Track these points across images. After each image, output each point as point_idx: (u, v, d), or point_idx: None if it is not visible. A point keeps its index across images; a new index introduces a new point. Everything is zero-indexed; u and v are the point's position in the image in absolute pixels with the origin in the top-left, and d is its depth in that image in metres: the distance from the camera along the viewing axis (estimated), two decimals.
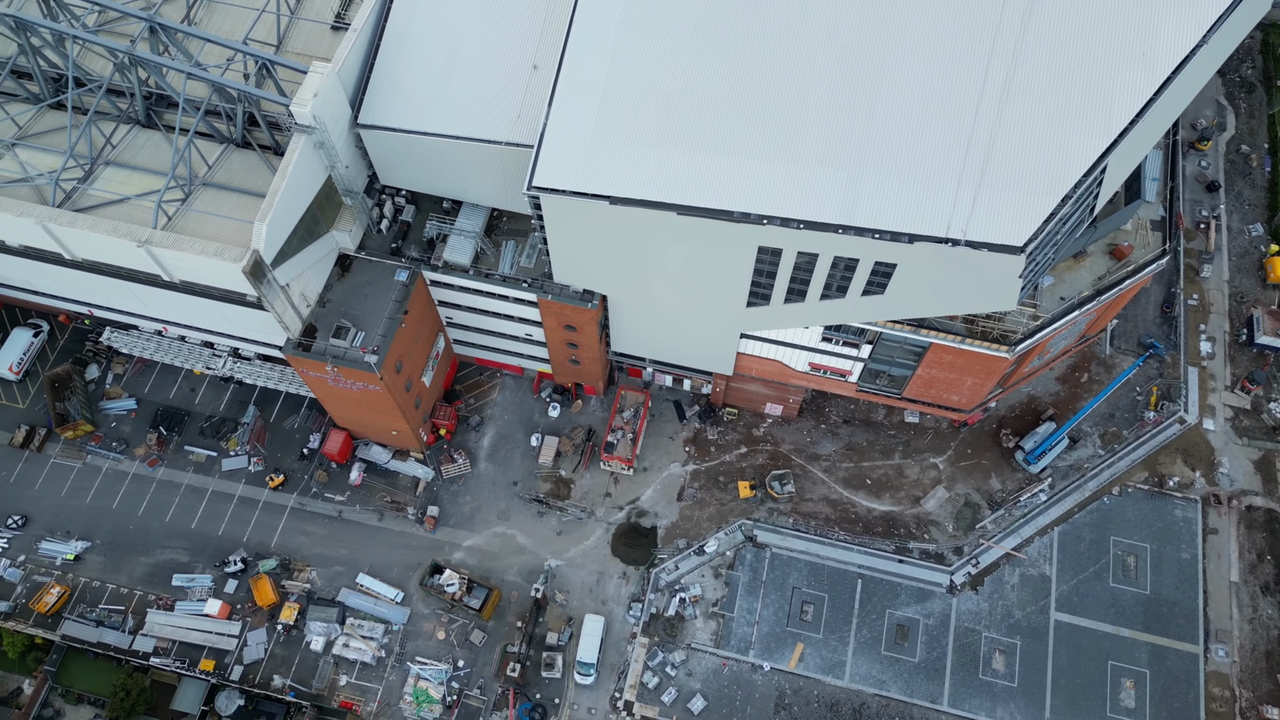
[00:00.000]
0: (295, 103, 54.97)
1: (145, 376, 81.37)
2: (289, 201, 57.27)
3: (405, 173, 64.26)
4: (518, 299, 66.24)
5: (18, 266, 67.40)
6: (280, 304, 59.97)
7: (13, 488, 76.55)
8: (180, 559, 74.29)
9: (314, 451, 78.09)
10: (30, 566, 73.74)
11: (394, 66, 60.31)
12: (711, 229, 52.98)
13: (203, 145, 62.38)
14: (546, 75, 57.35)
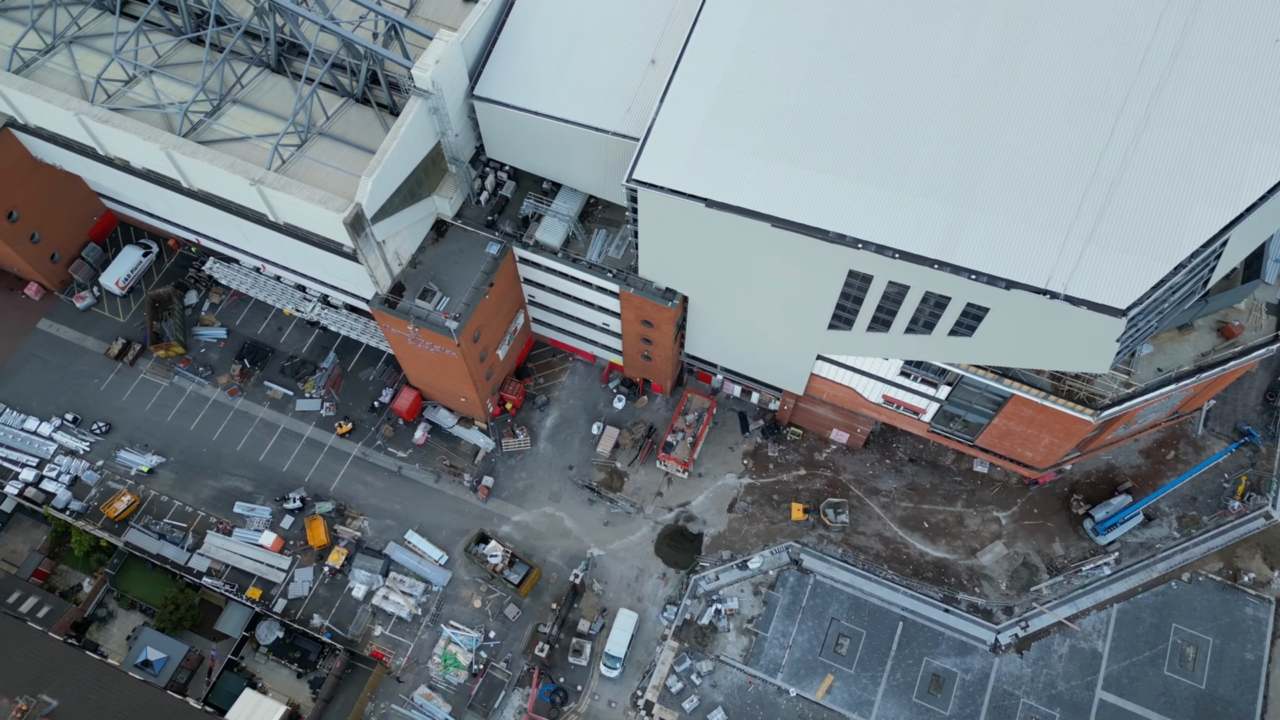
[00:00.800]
0: (417, 67, 56.37)
1: (238, 310, 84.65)
2: (397, 161, 58.80)
3: (511, 149, 65.30)
4: (600, 288, 66.71)
5: (138, 188, 70.82)
6: (374, 259, 61.64)
7: (102, 396, 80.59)
8: (244, 488, 77.14)
9: (384, 406, 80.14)
10: (107, 473, 77.56)
11: (516, 44, 61.29)
12: (804, 246, 52.44)
13: (324, 96, 64.50)
14: (663, 71, 57.57)
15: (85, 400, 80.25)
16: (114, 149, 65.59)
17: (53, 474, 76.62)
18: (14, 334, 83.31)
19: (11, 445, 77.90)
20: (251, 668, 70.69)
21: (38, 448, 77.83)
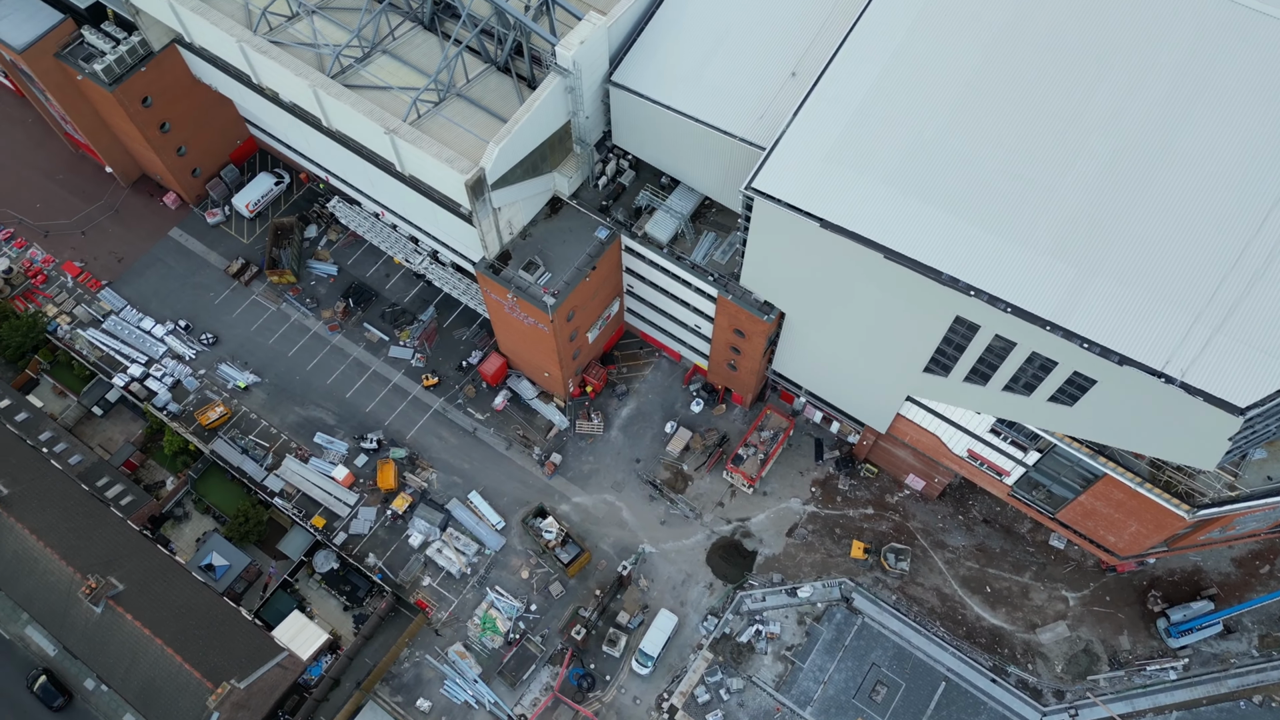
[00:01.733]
0: (562, 45, 57.24)
1: (351, 250, 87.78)
2: (526, 133, 59.88)
3: (638, 138, 65.71)
4: (699, 289, 66.60)
5: (281, 120, 74.10)
6: (487, 224, 62.99)
7: (214, 309, 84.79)
8: (328, 420, 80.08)
9: (471, 367, 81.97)
10: (206, 382, 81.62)
11: (660, 37, 61.57)
12: (914, 283, 51.20)
13: (468, 59, 66.12)
14: (802, 85, 56.96)
15: (198, 311, 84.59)
16: (267, 79, 68.73)
17: (158, 374, 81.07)
18: (147, 238, 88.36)
19: (126, 340, 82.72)
20: (304, 591, 73.42)
21: (149, 347, 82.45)
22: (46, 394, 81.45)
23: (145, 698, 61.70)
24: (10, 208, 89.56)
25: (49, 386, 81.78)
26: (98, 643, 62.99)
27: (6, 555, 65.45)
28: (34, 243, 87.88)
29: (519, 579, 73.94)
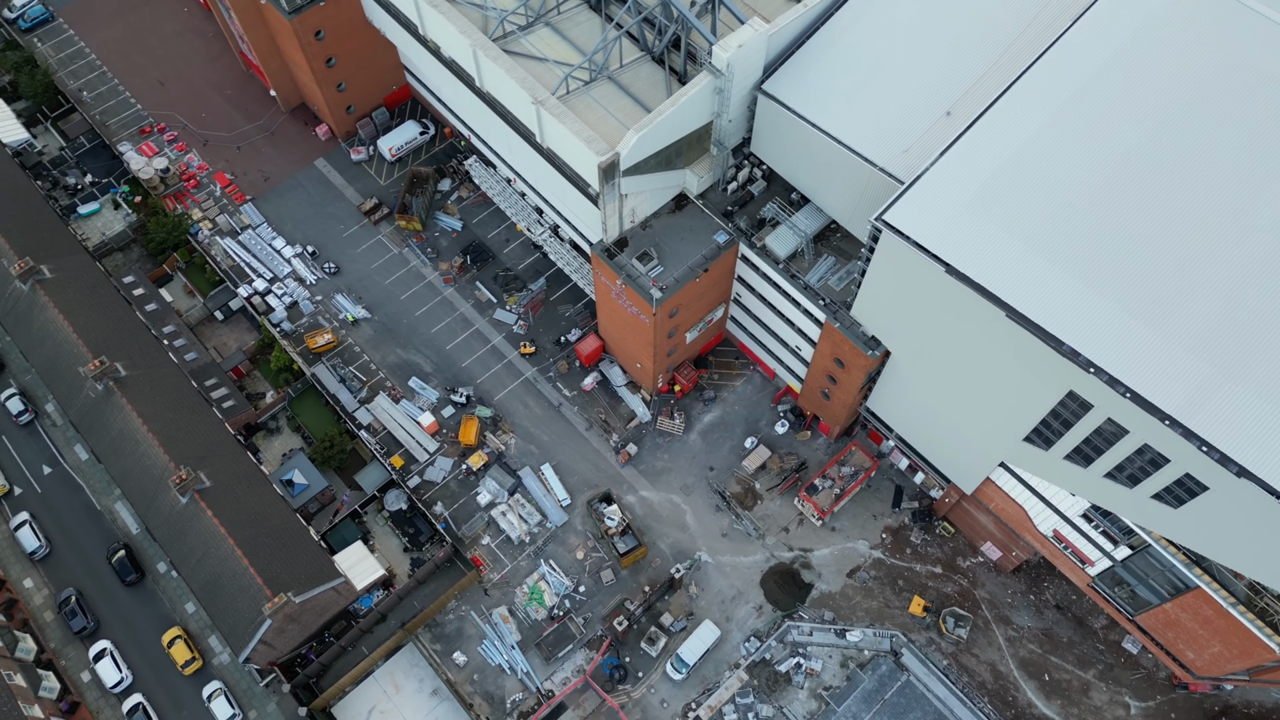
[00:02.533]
0: (720, 45, 57.19)
1: (478, 210, 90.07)
2: (667, 126, 60.14)
3: (777, 151, 65.16)
4: (808, 311, 65.65)
5: (438, 73, 76.54)
6: (611, 208, 63.62)
7: (341, 241, 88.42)
8: (425, 367, 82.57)
9: (568, 343, 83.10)
10: (321, 308, 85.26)
11: (819, 54, 60.82)
12: (1032, 348, 49.19)
13: (625, 44, 66.78)
14: (955, 126, 55.37)
15: (326, 240, 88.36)
16: (432, 32, 71.05)
17: (279, 292, 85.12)
18: (294, 163, 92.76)
19: (257, 255, 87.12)
20: (370, 525, 76.03)
21: (276, 265, 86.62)
22: (177, 291, 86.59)
23: (209, 591, 65.07)
24: (179, 112, 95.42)
25: (180, 284, 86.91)
26: (176, 530, 66.72)
27: (113, 432, 69.96)
28: (193, 149, 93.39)
29: (573, 558, 74.67)
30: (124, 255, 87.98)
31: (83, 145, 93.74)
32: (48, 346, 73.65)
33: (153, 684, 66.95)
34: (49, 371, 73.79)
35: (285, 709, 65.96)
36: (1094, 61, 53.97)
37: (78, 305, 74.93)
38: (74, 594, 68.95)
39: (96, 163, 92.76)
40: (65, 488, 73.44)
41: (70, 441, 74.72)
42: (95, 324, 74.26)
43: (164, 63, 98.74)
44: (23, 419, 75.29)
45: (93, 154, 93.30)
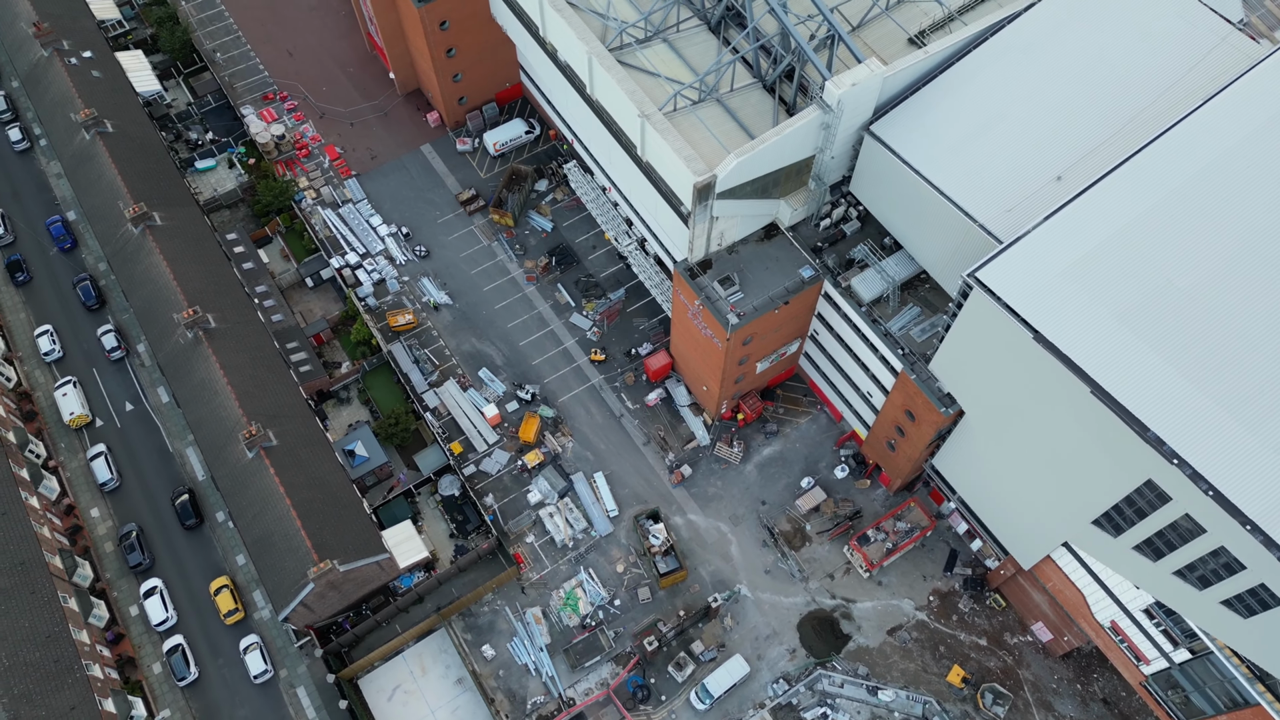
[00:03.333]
0: (833, 81, 56.86)
1: (570, 214, 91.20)
2: (769, 155, 59.99)
3: (875, 193, 64.41)
4: (884, 359, 64.49)
5: (551, 75, 77.96)
6: (700, 228, 63.67)
7: (434, 227, 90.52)
8: (496, 360, 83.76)
9: (637, 356, 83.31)
10: (406, 289, 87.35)
11: (932, 103, 59.98)
12: (1114, 429, 47.36)
13: (738, 69, 66.93)
14: (1063, 192, 53.94)
15: (420, 224, 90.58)
16: (552, 35, 72.43)
17: (369, 268, 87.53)
18: (402, 145, 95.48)
19: (353, 229, 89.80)
20: (421, 506, 77.28)
21: (369, 241, 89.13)
22: (274, 253, 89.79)
23: (260, 547, 66.96)
24: (302, 84, 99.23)
25: (278, 248, 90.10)
26: (239, 483, 68.91)
27: (195, 380, 72.75)
28: (309, 120, 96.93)
29: (613, 571, 74.55)
30: (231, 213, 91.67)
31: (209, 103, 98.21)
32: (148, 290, 77.10)
33: (194, 628, 69.10)
34: (145, 314, 77.22)
35: (315, 673, 67.29)
36: (1218, 147, 52.00)
37: (181, 254, 78.30)
38: (135, 529, 71.69)
39: (219, 121, 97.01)
40: (143, 426, 76.58)
41: (154, 383, 77.93)
42: (194, 274, 77.47)
43: (295, 35, 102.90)
44: (114, 355, 78.85)
45: (216, 113, 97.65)
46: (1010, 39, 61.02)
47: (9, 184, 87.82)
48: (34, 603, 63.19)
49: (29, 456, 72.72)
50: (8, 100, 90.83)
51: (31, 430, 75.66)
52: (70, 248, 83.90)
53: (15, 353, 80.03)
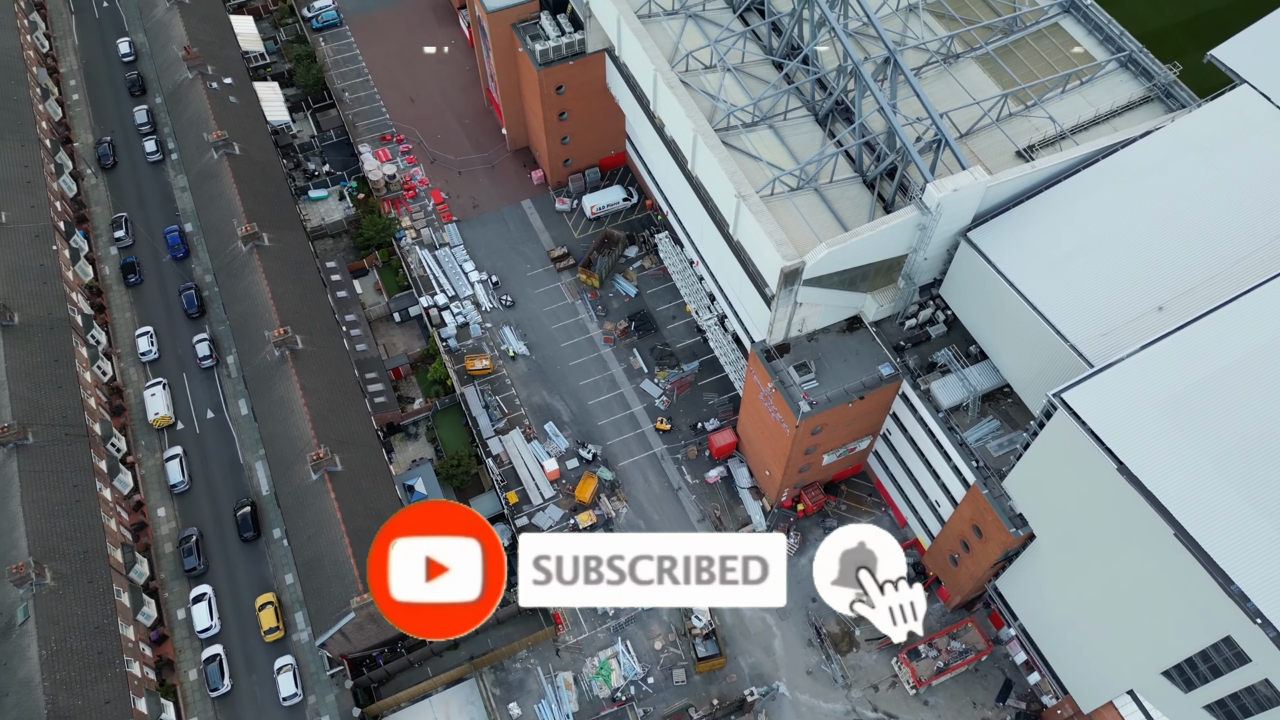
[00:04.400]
0: (935, 185, 56.69)
1: (655, 282, 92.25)
2: (861, 249, 59.82)
3: (965, 300, 63.42)
4: (957, 469, 62.58)
5: (655, 147, 79.82)
6: (782, 312, 63.52)
7: (522, 279, 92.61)
8: (563, 415, 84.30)
9: (703, 431, 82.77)
10: (487, 335, 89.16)
11: (1034, 217, 59.15)
12: (1196, 578, 44.67)
13: (839, 161, 67.37)
14: (1164, 322, 52.06)
15: (510, 274, 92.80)
16: (662, 110, 74.37)
17: (455, 310, 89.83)
18: (504, 198, 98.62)
19: (446, 271, 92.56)
20: None
21: (459, 285, 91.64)
22: (368, 285, 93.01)
23: (309, 568, 67.86)
24: (419, 129, 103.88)
25: (373, 281, 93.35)
26: (299, 502, 70.30)
27: (275, 397, 75.14)
28: (421, 163, 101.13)
29: (650, 647, 72.95)
30: (334, 242, 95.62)
31: (330, 138, 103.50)
32: (246, 305, 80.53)
33: (235, 640, 69.99)
34: (240, 327, 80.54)
35: (342, 704, 67.18)
36: None
37: (282, 276, 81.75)
38: (196, 534, 73.56)
39: (337, 156, 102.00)
40: (219, 435, 79.18)
41: (237, 394, 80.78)
42: (291, 296, 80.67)
43: (420, 84, 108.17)
44: (205, 363, 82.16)
45: (336, 147, 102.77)
46: (1122, 163, 60.06)
47: (137, 191, 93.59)
48: (90, 592, 65.05)
49: (110, 449, 75.74)
50: (150, 115, 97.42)
51: (117, 425, 78.94)
52: (182, 257, 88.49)
53: (115, 349, 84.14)
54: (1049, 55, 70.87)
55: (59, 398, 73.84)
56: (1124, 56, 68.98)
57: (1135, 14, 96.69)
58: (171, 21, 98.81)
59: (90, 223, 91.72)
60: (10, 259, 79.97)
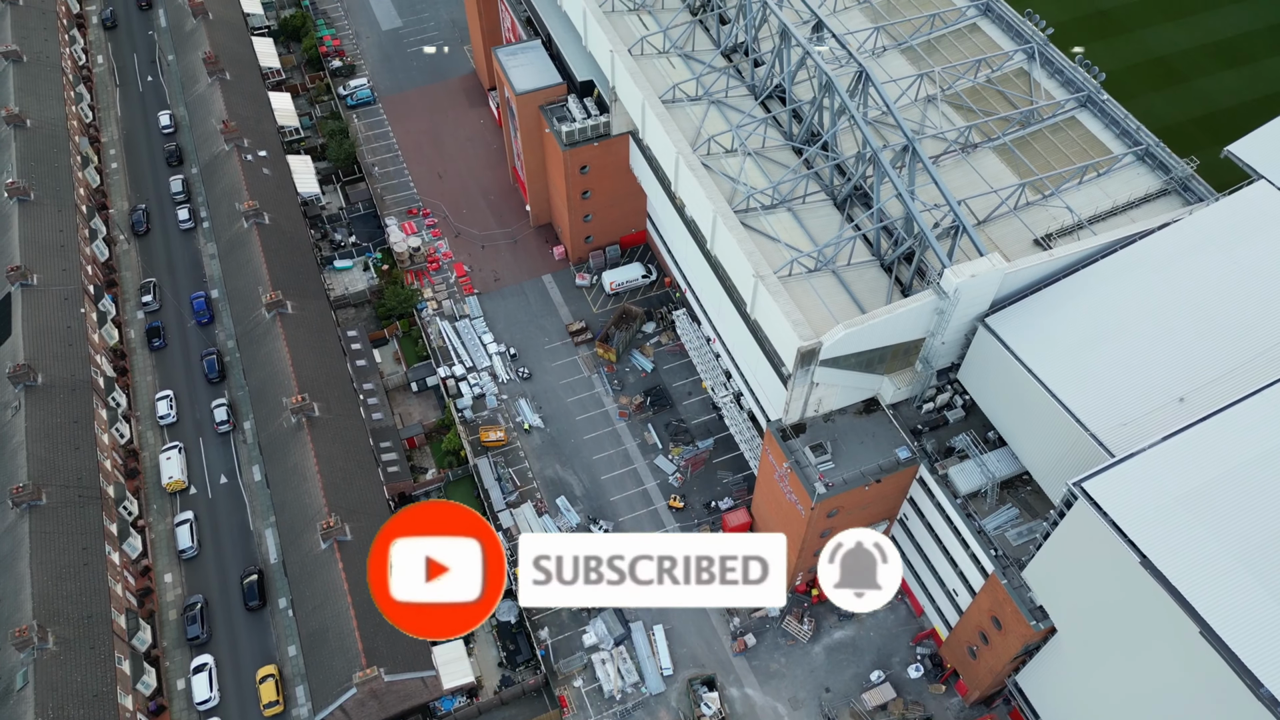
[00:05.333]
0: (953, 270, 57.01)
1: (672, 358, 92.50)
2: (878, 331, 59.90)
3: (983, 385, 63.07)
4: (975, 557, 61.25)
5: (675, 227, 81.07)
6: (799, 392, 63.32)
7: (541, 352, 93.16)
8: (575, 489, 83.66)
9: (717, 510, 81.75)
10: (503, 407, 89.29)
11: (1053, 304, 59.17)
12: (1222, 676, 43.07)
13: (857, 244, 68.02)
14: (1185, 413, 51.46)
15: (528, 347, 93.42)
16: (683, 190, 75.75)
17: (472, 381, 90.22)
18: (524, 272, 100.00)
19: (465, 343, 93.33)
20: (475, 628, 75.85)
21: (478, 356, 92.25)
22: (387, 355, 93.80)
23: (313, 640, 66.75)
24: (445, 204, 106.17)
25: (392, 350, 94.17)
26: (307, 572, 69.59)
27: (289, 464, 75.14)
28: (445, 237, 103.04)
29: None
30: (356, 311, 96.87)
31: (358, 210, 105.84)
32: (265, 371, 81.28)
33: (233, 713, 68.45)
34: (258, 393, 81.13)
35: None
36: None
37: (303, 343, 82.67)
38: (201, 601, 72.71)
39: (363, 227, 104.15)
40: (231, 501, 78.98)
41: (251, 460, 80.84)
42: (310, 363, 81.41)
43: (448, 161, 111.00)
44: (222, 428, 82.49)
45: (363, 219, 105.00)
46: (1142, 253, 60.30)
47: (167, 258, 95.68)
48: (91, 659, 64.16)
49: (122, 513, 75.64)
50: (185, 184, 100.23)
51: (131, 488, 79.00)
52: (207, 322, 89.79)
53: (134, 412, 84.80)
54: (1066, 147, 72.00)
55: (76, 459, 74.18)
56: (1141, 150, 69.92)
57: (1151, 109, 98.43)
58: (212, 96, 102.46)
59: (119, 287, 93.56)
60: (38, 320, 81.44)
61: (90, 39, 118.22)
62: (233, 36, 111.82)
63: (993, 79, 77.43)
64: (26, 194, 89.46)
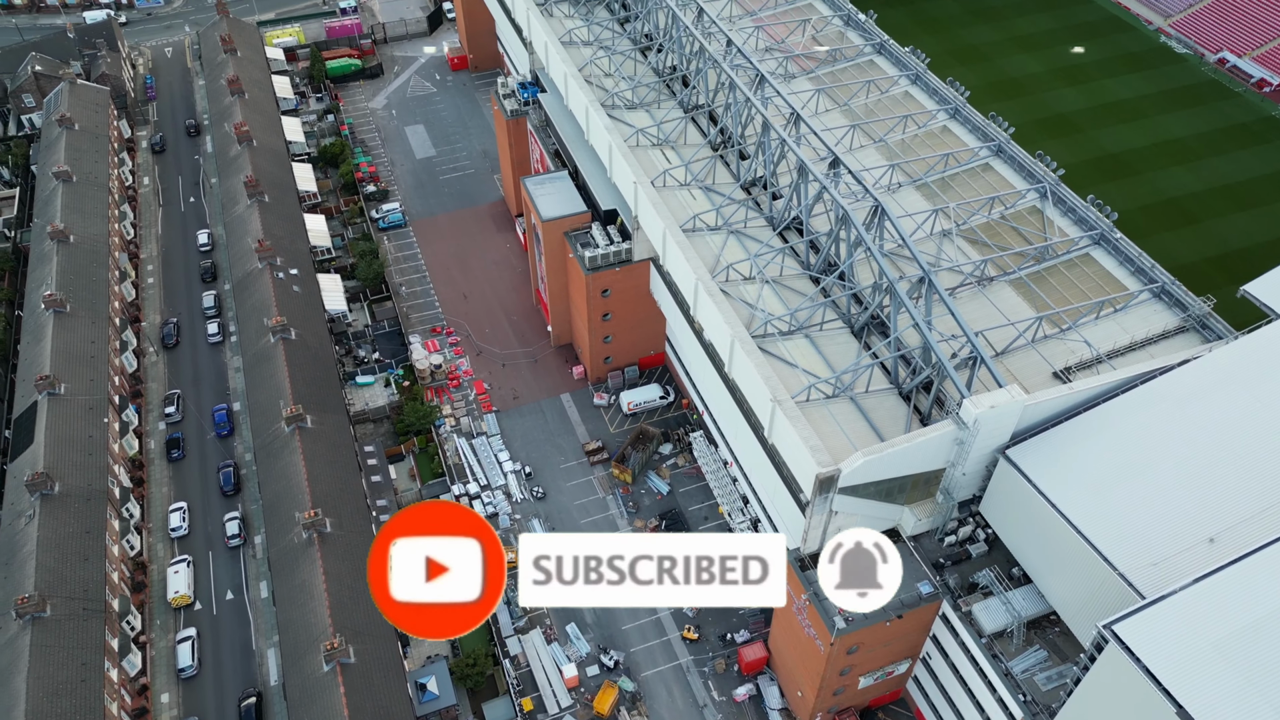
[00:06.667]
0: (972, 401, 56.82)
1: (688, 481, 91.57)
2: (897, 460, 59.24)
3: (1007, 519, 61.73)
4: (1003, 702, 58.39)
5: (694, 350, 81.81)
6: (817, 520, 62.15)
7: (556, 471, 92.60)
8: (586, 617, 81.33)
9: (733, 643, 78.99)
10: (516, 526, 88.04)
11: (1076, 438, 58.54)
12: None
13: (875, 372, 68.15)
14: (1216, 554, 49.93)
15: (544, 465, 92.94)
16: (701, 315, 76.86)
17: (486, 499, 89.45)
18: (543, 391, 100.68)
19: (481, 460, 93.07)
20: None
21: (493, 474, 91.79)
22: (403, 471, 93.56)
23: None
24: (468, 323, 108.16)
25: (408, 466, 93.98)
26: (308, 696, 67.28)
27: (297, 580, 73.90)
28: (467, 355, 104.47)
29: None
30: (375, 427, 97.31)
31: (383, 327, 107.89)
32: (280, 485, 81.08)
33: None
34: (271, 508, 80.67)
35: None
36: None
37: (319, 458, 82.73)
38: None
39: (387, 344, 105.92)
40: (235, 618, 77.41)
41: (259, 576, 79.68)
42: (326, 478, 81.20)
43: (474, 282, 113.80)
44: (232, 542, 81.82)
45: (387, 336, 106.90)
46: (1164, 389, 59.97)
47: (193, 370, 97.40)
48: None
49: (124, 627, 74.20)
50: (216, 300, 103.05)
51: (136, 602, 77.78)
52: (226, 435, 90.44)
53: (147, 523, 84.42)
54: (1081, 283, 72.88)
55: (83, 570, 73.39)
56: (1156, 288, 70.63)
57: (1164, 248, 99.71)
58: (250, 217, 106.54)
59: (144, 398, 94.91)
60: (61, 429, 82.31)
61: (139, 162, 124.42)
62: (274, 162, 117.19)
63: (1006, 215, 79.27)
64: (63, 306, 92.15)
